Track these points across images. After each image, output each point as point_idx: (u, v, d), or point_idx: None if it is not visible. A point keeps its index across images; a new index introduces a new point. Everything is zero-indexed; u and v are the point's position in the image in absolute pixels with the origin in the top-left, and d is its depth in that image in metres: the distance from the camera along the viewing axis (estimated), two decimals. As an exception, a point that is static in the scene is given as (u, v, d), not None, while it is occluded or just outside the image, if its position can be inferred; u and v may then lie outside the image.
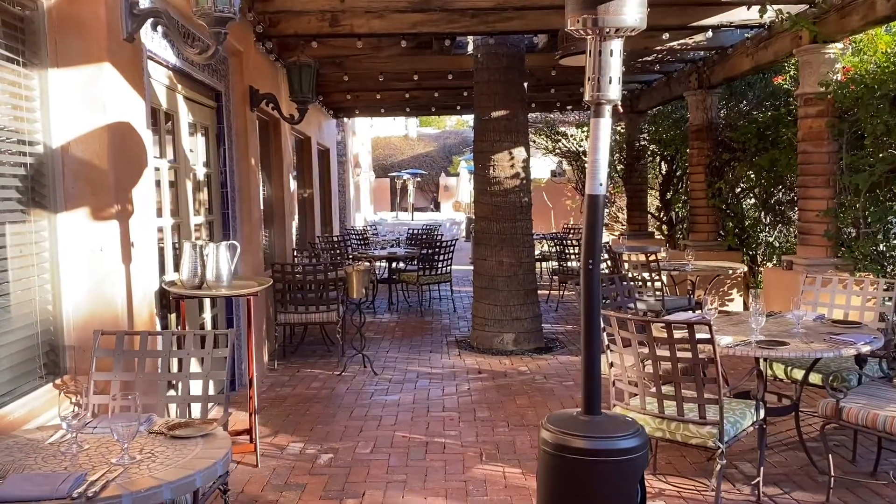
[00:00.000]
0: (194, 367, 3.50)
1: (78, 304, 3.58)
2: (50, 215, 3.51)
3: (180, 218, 5.18)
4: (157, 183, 4.75)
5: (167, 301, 4.53)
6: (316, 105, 11.97)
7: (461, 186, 26.43)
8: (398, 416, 5.53)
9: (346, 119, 16.10)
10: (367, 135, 28.50)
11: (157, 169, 4.73)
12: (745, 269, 8.09)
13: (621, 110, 2.96)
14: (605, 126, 2.77)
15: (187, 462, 2.20)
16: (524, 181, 7.75)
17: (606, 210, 14.12)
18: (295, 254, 8.99)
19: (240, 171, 6.47)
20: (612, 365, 3.97)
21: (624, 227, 13.82)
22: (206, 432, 2.43)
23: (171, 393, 3.59)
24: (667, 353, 3.66)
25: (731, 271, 7.74)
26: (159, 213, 4.80)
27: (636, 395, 3.92)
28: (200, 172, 5.75)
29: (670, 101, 10.64)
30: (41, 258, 3.48)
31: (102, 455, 2.27)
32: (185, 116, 5.33)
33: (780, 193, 8.60)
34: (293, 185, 9.65)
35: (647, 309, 7.15)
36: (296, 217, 11.03)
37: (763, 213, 8.98)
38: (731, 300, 9.08)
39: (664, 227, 11.98)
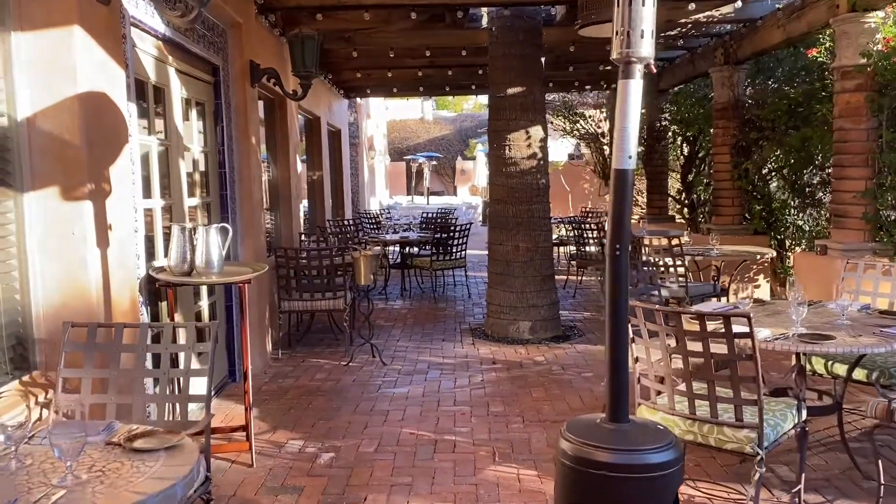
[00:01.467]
0: (182, 363, 3.17)
1: (49, 293, 3.26)
2: (15, 194, 3.18)
3: (172, 199, 4.85)
4: (146, 161, 4.42)
5: (155, 289, 4.22)
6: (325, 84, 11.61)
7: (478, 170, 26.00)
8: (406, 411, 5.20)
9: (358, 100, 15.71)
10: (382, 117, 28.08)
11: (144, 146, 4.40)
12: (774, 254, 7.66)
13: (653, 70, 2.62)
14: (635, 88, 2.39)
15: (142, 484, 1.86)
16: (541, 162, 7.35)
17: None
18: (303, 238, 8.67)
19: (239, 151, 6.13)
20: (637, 360, 3.60)
21: (643, 211, 13.37)
22: (170, 444, 2.09)
23: (153, 391, 3.27)
24: (699, 348, 3.29)
25: (758, 256, 7.31)
26: (148, 194, 4.47)
27: (663, 392, 3.55)
28: (196, 151, 5.42)
29: (693, 78, 10.16)
30: (6, 242, 3.15)
31: (45, 473, 1.94)
32: (177, 91, 4.99)
33: (811, 175, 8.14)
34: (300, 166, 9.31)
35: (669, 296, 6.76)
36: (305, 200, 10.71)
37: (792, 195, 8.52)
38: (758, 286, 8.65)
39: (685, 210, 11.53)
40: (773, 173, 8.61)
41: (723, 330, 3.19)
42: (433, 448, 4.49)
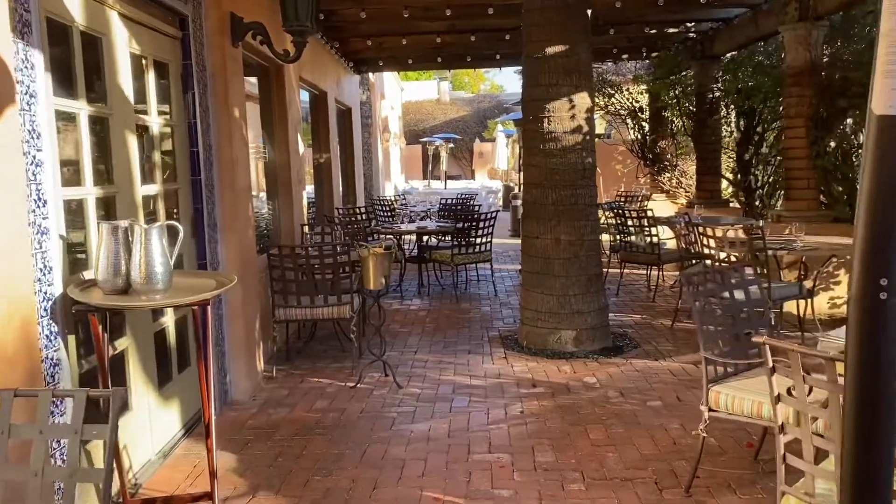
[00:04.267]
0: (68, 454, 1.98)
1: None
2: None
3: (115, 187, 3.65)
4: (62, 134, 3.21)
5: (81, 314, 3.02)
6: (332, 54, 10.36)
7: (497, 152, 24.62)
8: (427, 461, 3.99)
9: (370, 75, 14.44)
10: (397, 99, 26.80)
11: (65, 113, 3.20)
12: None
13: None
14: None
15: None
16: (587, 137, 6.08)
17: (665, 174, 12.36)
18: (306, 231, 7.47)
19: (218, 125, 4.92)
20: (782, 430, 2.36)
21: (688, 195, 12.04)
22: None
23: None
24: None
25: (856, 250, 6.02)
26: (77, 180, 3.28)
27: (820, 479, 2.31)
28: (155, 124, 4.21)
29: (757, 41, 8.80)
30: None
31: None
32: (123, 43, 3.77)
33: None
34: (303, 147, 8.10)
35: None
36: (310, 186, 9.51)
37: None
38: (838, 283, 7.35)
39: (741, 193, 10.20)
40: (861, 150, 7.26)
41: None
42: (466, 526, 3.29)
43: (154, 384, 3.98)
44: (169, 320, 4.25)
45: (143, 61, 4.09)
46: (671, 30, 9.69)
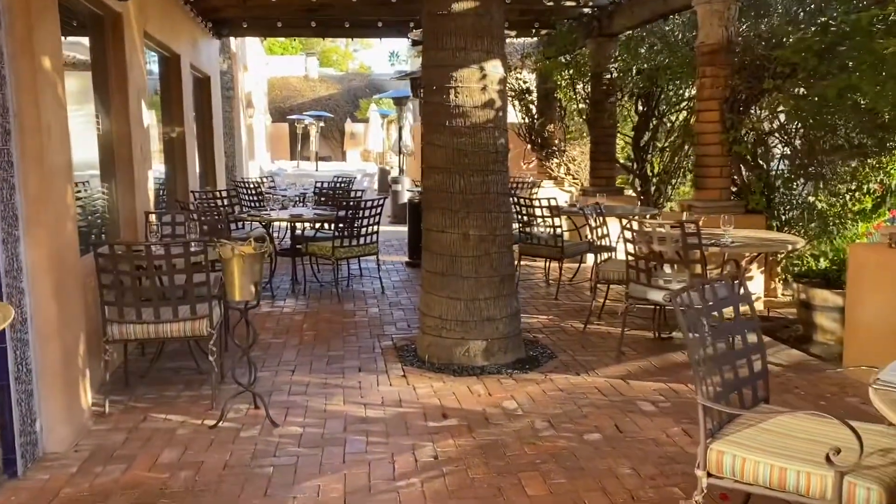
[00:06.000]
0: None
1: None
2: None
3: None
4: None
5: None
6: (186, 12, 8.86)
7: (371, 133, 23.40)
8: (320, 545, 2.92)
9: (232, 40, 12.88)
10: (262, 73, 24.94)
11: None
12: (803, 243, 5.85)
13: None
14: None
15: None
16: (500, 113, 5.16)
17: (554, 160, 11.74)
18: (153, 220, 6.08)
19: (17, 79, 3.55)
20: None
21: (576, 182, 11.48)
22: None
23: None
24: None
25: (788, 247, 5.49)
26: None
27: None
28: None
29: (662, 16, 8.20)
30: None
31: None
32: None
33: (836, 137, 6.34)
34: (149, 117, 6.67)
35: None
36: (156, 165, 8.04)
37: (803, 166, 6.72)
38: (751, 278, 6.90)
39: (637, 181, 9.69)
40: (780, 135, 6.79)
41: None
42: None
43: None
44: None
45: None
46: (569, 2, 8.95)
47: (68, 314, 3.93)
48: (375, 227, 7.57)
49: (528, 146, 11.99)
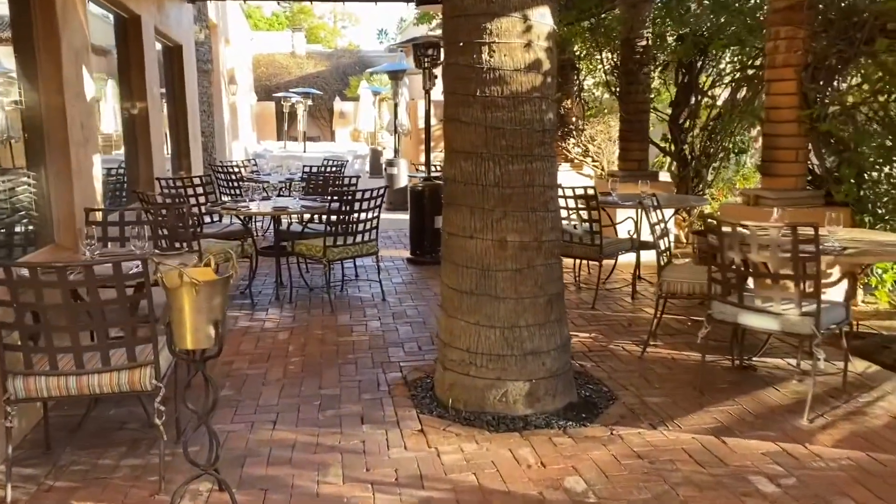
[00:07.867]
0: None
1: None
2: None
3: None
4: None
5: None
6: (148, -35, 7.48)
7: (361, 112, 21.99)
8: None
9: (211, 8, 11.50)
10: (246, 49, 23.48)
11: None
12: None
13: None
14: None
15: None
16: (548, 79, 3.87)
17: (570, 140, 10.47)
18: (97, 218, 4.76)
19: None
20: None
21: (596, 164, 10.23)
22: None
23: None
24: None
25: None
26: None
27: None
28: None
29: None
30: None
31: None
32: None
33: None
34: (93, 88, 5.34)
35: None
36: (115, 149, 6.73)
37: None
38: (833, 284, 5.66)
39: (674, 164, 8.45)
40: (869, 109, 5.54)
41: None
42: None
43: None
44: None
45: None
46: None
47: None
48: (375, 223, 6.30)
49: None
